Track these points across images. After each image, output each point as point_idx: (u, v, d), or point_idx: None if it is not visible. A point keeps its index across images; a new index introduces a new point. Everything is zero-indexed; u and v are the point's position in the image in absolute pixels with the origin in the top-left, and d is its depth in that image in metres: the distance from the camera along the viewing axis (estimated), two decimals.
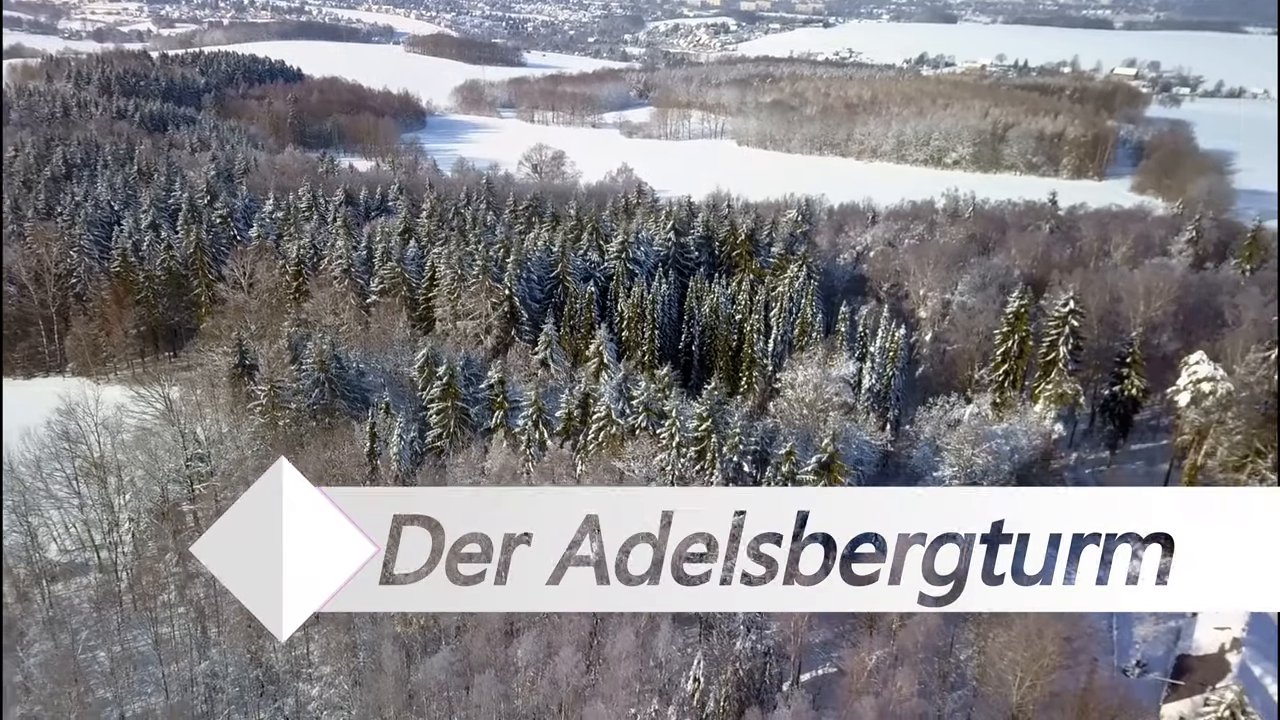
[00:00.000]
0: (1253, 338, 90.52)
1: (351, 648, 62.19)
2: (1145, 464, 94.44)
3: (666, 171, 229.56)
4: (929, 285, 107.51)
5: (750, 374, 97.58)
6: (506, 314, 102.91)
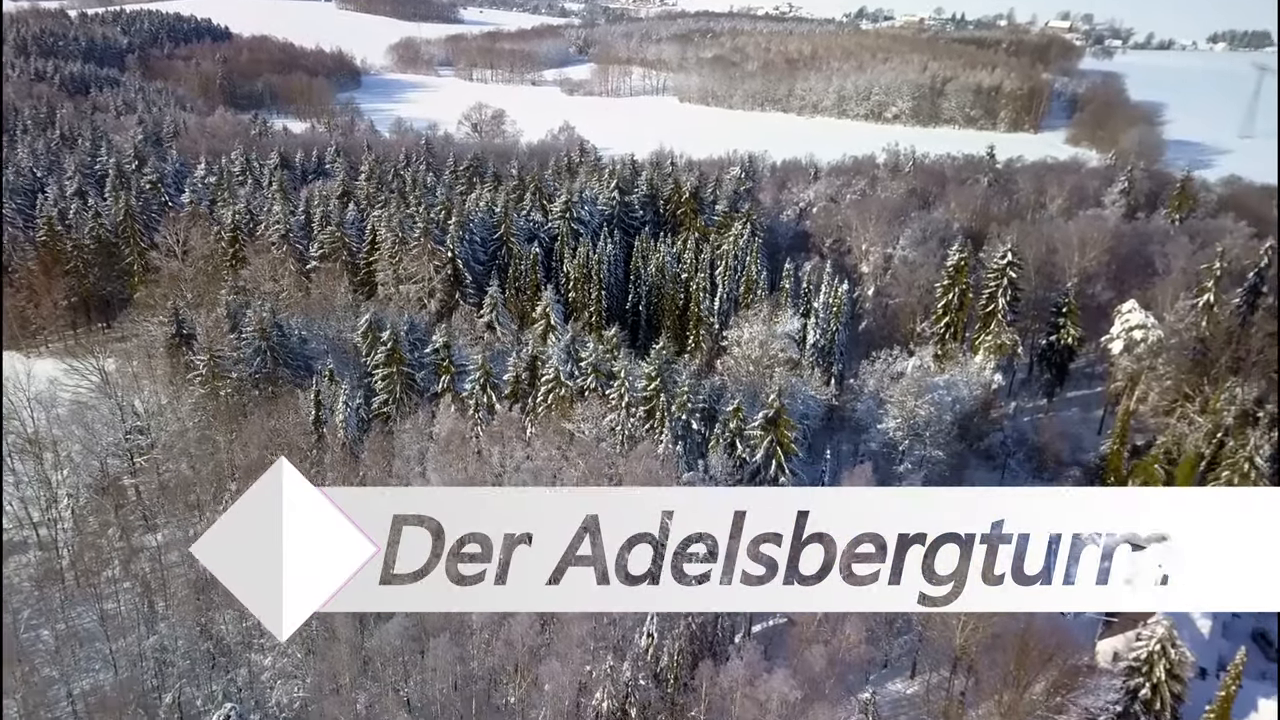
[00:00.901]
0: (1181, 286, 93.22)
1: None
2: (1081, 410, 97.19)
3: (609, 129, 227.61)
4: (871, 240, 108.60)
5: (697, 332, 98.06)
6: (450, 277, 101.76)
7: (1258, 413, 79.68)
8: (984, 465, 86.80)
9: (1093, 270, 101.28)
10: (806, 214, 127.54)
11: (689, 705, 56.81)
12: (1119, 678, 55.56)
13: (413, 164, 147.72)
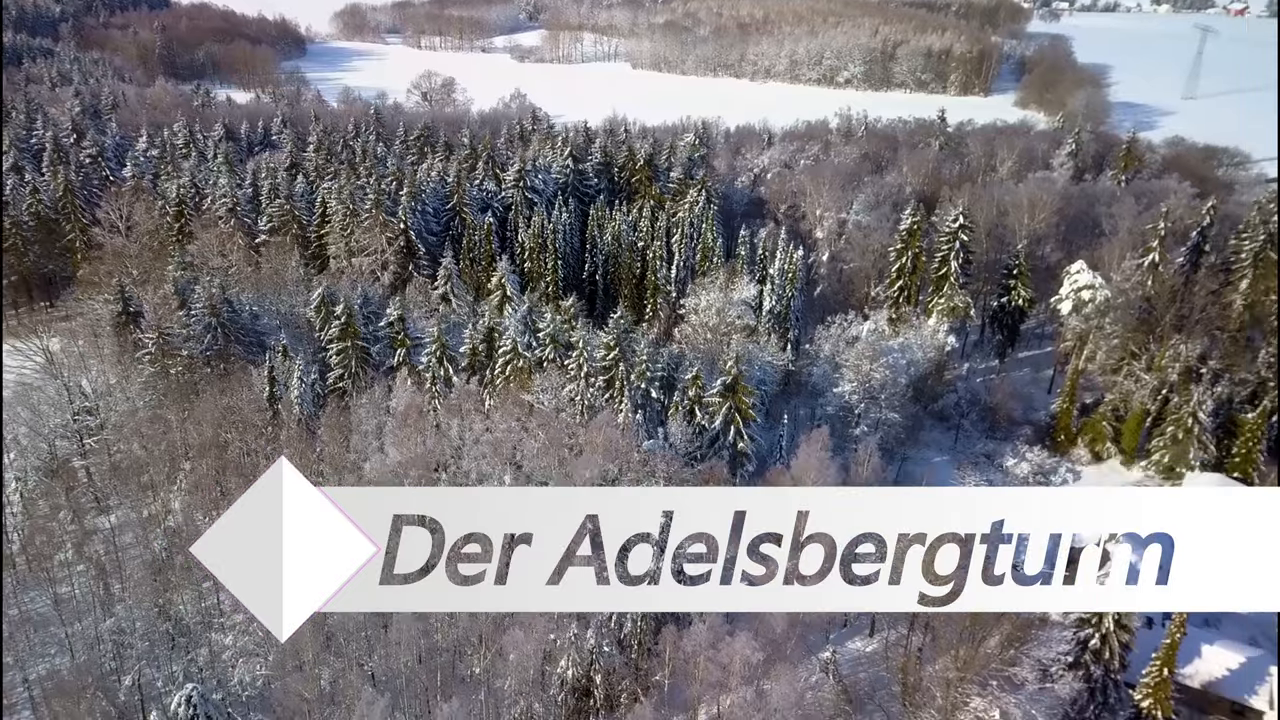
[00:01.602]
0: (1128, 246, 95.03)
1: None
2: (1032, 370, 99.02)
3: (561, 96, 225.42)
4: (825, 206, 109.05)
5: (655, 301, 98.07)
6: (403, 248, 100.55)
7: (1200, 369, 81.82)
8: (938, 426, 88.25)
9: (1042, 232, 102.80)
10: (761, 180, 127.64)
11: (653, 670, 57.50)
12: (1070, 629, 57.13)
13: (362, 134, 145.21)
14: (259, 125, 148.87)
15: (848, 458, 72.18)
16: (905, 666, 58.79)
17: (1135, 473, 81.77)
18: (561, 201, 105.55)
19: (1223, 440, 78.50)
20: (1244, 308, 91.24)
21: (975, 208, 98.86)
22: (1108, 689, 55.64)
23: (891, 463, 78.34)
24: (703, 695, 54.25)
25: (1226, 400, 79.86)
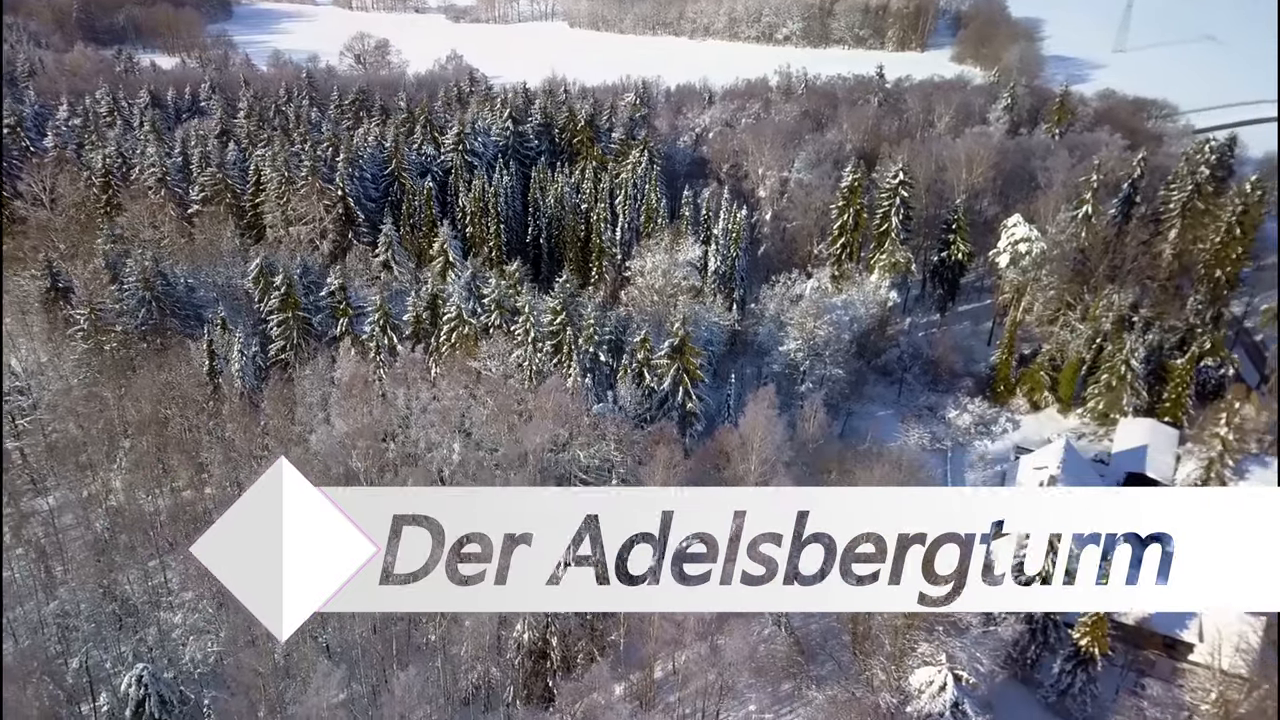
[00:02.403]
0: (1062, 198, 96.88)
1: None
2: (972, 323, 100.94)
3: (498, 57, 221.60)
4: (767, 164, 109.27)
5: (600, 264, 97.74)
6: (341, 216, 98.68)
7: (1133, 318, 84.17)
8: (882, 381, 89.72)
9: (980, 186, 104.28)
10: (703, 140, 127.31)
11: (608, 630, 58.16)
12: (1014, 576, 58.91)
13: (295, 99, 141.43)
14: (186, 91, 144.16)
15: (794, 414, 73.13)
16: (855, 616, 60.21)
17: (1072, 420, 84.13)
18: (502, 164, 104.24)
19: (1154, 386, 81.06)
20: (1173, 257, 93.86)
21: (914, 164, 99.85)
22: (1048, 630, 57.69)
23: (837, 418, 79.59)
24: (658, 652, 55.08)
25: (1157, 347, 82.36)
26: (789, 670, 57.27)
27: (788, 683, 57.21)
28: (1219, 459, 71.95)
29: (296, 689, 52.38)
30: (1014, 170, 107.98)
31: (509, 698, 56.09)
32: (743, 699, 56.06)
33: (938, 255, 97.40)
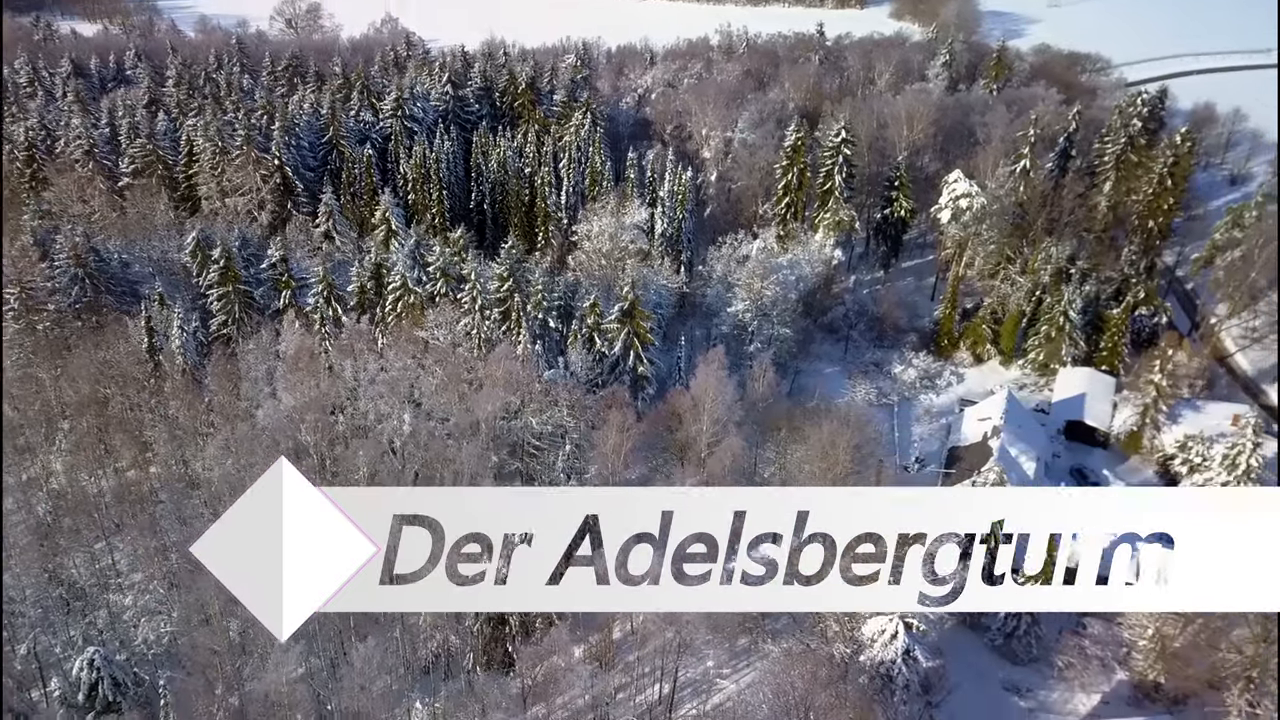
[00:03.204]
0: (1001, 153, 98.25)
1: (162, 551, 59.74)
2: (915, 279, 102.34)
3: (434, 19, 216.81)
4: (710, 125, 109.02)
5: (546, 229, 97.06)
6: (279, 186, 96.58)
7: (1070, 270, 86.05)
8: (829, 338, 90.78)
9: (921, 143, 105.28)
10: (645, 101, 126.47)
11: None
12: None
13: (225, 66, 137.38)
14: (110, 60, 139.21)
15: (744, 375, 73.78)
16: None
17: (1014, 371, 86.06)
18: (443, 130, 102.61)
19: (1091, 336, 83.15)
20: (1108, 209, 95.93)
21: (856, 121, 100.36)
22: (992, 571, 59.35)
23: (785, 377, 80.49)
24: (616, 614, 55.70)
25: (1094, 298, 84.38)
26: (745, 626, 58.30)
27: (744, 638, 58.27)
28: (1154, 405, 74.22)
29: (254, 665, 52.09)
30: (954, 126, 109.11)
31: (469, 665, 56.38)
32: (700, 655, 57.04)
33: (881, 212, 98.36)
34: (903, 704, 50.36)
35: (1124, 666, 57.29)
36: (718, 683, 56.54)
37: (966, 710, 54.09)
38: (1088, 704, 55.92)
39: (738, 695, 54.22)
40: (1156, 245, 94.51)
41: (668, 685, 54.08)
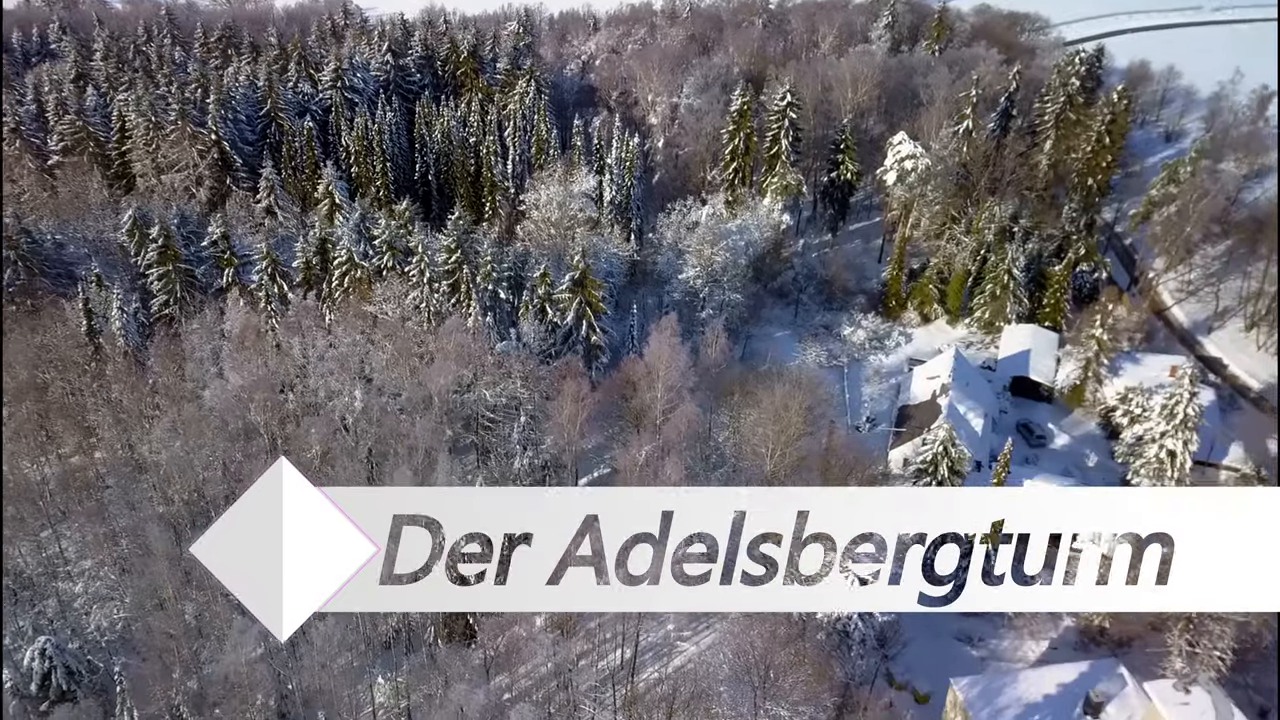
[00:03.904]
0: (944, 114, 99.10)
1: (111, 537, 58.75)
2: (863, 242, 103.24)
3: None
4: (656, 91, 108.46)
5: (493, 199, 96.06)
6: (217, 161, 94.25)
7: (1013, 228, 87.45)
8: (779, 303, 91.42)
9: (865, 105, 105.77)
10: (590, 67, 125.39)
11: None
12: (909, 480, 61.69)
13: (155, 38, 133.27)
14: (33, 33, 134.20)
15: (696, 341, 74.11)
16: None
17: (960, 330, 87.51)
18: (384, 100, 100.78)
19: (1034, 293, 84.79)
20: (1048, 167, 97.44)
21: (801, 85, 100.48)
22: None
23: (737, 342, 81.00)
24: None
25: (1036, 256, 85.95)
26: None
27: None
28: (1095, 359, 76.04)
29: (212, 648, 51.69)
30: (897, 88, 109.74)
31: (430, 638, 56.43)
32: (660, 619, 57.69)
33: (827, 176, 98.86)
34: (860, 658, 51.54)
35: (1071, 615, 59.13)
36: (678, 645, 57.30)
37: (921, 661, 55.49)
38: (1037, 650, 57.69)
39: (698, 657, 55.01)
40: (1096, 202, 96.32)
41: (629, 650, 54.68)
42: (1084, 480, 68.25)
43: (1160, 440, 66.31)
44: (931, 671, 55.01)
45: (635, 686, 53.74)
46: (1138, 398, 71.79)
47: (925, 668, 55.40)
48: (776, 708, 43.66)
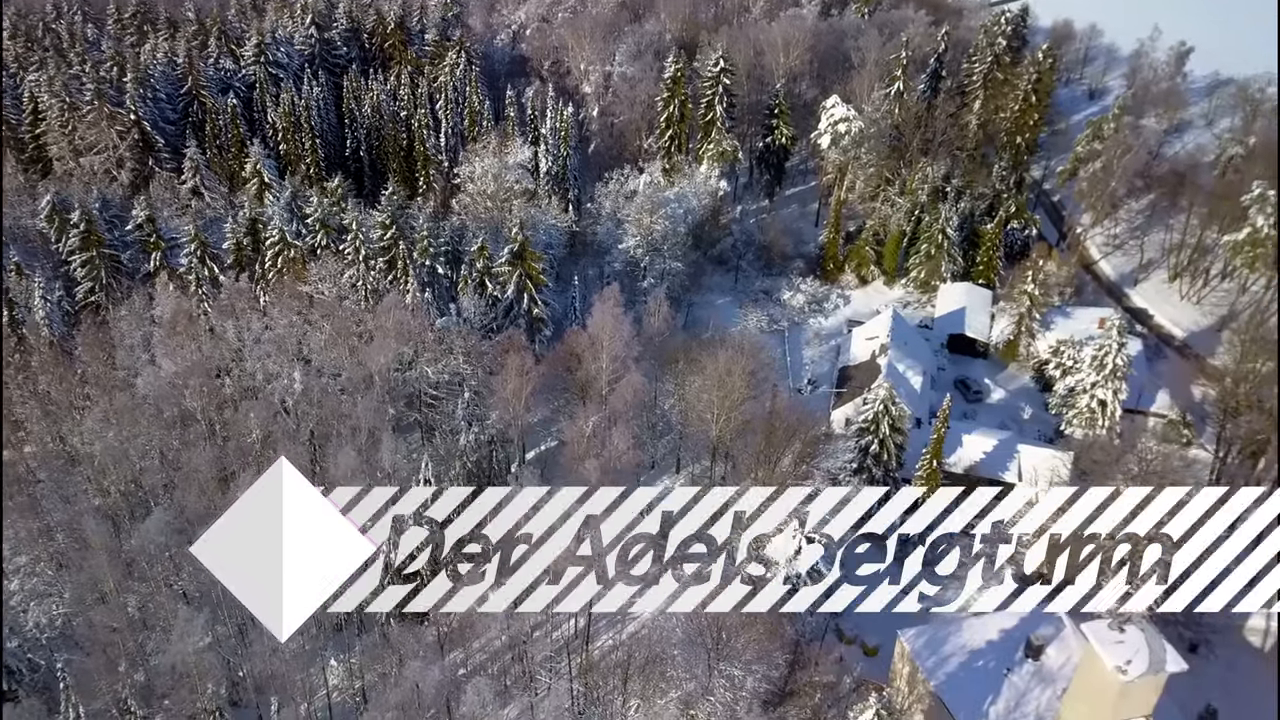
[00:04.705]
0: (875, 77, 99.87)
1: (46, 532, 57.23)
2: (799, 206, 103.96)
3: None
4: (588, 59, 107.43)
5: (427, 173, 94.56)
6: (138, 142, 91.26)
7: (945, 188, 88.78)
8: (719, 270, 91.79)
9: (798, 70, 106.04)
10: (521, 37, 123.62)
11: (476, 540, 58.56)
12: (852, 439, 62.74)
13: (65, 15, 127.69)
14: None
15: (639, 311, 74.20)
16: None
17: (897, 290, 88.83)
18: (310, 75, 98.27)
19: (968, 252, 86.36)
20: (978, 127, 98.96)
21: (733, 50, 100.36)
22: (888, 486, 62.06)
23: (679, 310, 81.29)
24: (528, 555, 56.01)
25: (969, 215, 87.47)
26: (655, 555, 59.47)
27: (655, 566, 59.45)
28: (1027, 314, 77.88)
29: (158, 639, 50.84)
30: (829, 52, 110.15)
31: (382, 618, 56.13)
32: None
33: (762, 141, 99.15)
34: (809, 615, 52.55)
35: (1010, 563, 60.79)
36: (632, 612, 57.80)
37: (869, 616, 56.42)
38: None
39: (652, 621, 55.54)
40: (1024, 160, 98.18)
41: (583, 619, 55.04)
42: (1020, 433, 70.12)
43: (1091, 391, 68.37)
44: (879, 625, 56.25)
45: (590, 655, 54.17)
46: (1069, 350, 73.77)
47: (873, 622, 56.60)
48: (730, 668, 44.39)
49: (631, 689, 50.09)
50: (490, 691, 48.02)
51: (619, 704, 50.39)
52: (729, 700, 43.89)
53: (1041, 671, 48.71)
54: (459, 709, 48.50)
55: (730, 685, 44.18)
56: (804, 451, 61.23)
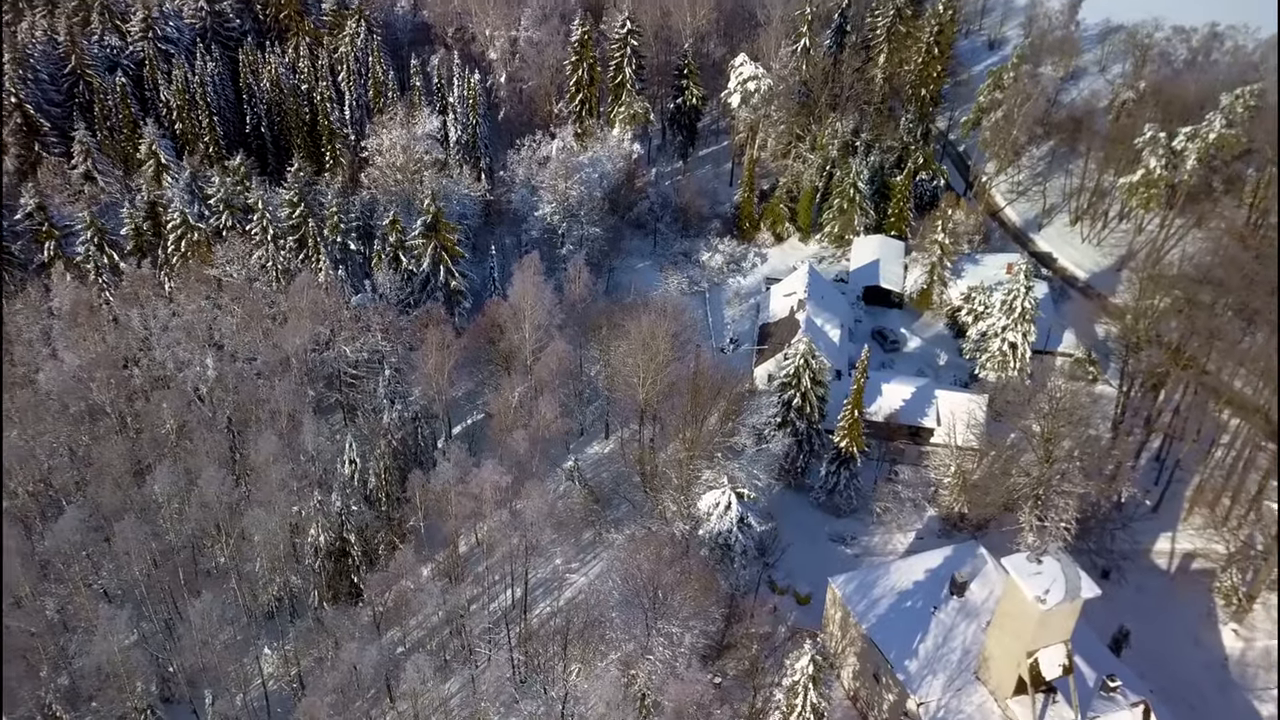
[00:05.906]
0: (782, 34, 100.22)
1: None
2: (713, 166, 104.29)
3: None
4: (493, 25, 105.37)
5: (333, 147, 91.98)
6: (21, 126, 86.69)
7: (855, 142, 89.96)
8: (637, 234, 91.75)
9: (705, 29, 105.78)
10: (422, 4, 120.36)
11: (406, 517, 58.12)
12: (775, 395, 63.71)
13: None
14: None
15: (560, 278, 73.84)
16: (641, 458, 63.34)
17: (813, 246, 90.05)
18: (203, 50, 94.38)
19: (880, 205, 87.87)
20: (884, 80, 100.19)
21: (640, 11, 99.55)
22: (813, 438, 63.28)
23: (600, 276, 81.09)
24: (460, 528, 55.84)
25: (879, 168, 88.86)
26: (588, 520, 59.83)
27: (588, 531, 59.86)
28: (939, 263, 79.75)
29: (80, 640, 49.45)
30: (735, 10, 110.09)
31: (314, 602, 55.45)
32: (548, 555, 58.29)
33: (673, 102, 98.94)
34: (742, 568, 53.56)
35: (933, 504, 62.85)
36: (568, 578, 58.10)
37: (800, 565, 58.09)
38: (905, 542, 61.23)
39: (588, 586, 55.97)
40: (929, 112, 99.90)
41: (519, 589, 55.11)
42: (937, 379, 72.07)
43: (1002, 334, 70.53)
44: (810, 573, 57.75)
45: (529, 623, 54.35)
46: (980, 296, 75.93)
47: (804, 571, 58.09)
48: (668, 626, 45.03)
49: (572, 654, 50.50)
50: (430, 667, 47.88)
51: (560, 669, 50.76)
52: (668, 658, 44.57)
53: (966, 607, 50.61)
54: (399, 687, 48.30)
55: (669, 643, 44.84)
56: (729, 409, 62.03)
